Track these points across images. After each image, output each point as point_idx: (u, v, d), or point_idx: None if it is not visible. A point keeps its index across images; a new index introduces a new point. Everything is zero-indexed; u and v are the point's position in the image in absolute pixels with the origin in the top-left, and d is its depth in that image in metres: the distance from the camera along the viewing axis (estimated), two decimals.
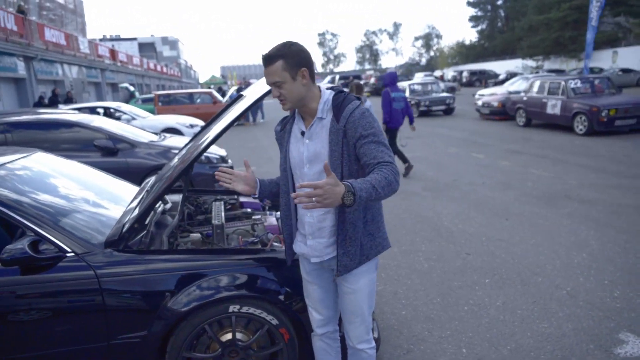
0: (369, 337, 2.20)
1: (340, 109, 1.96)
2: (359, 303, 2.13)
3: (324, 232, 2.05)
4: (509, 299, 3.57)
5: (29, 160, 2.92)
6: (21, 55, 17.00)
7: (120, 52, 31.83)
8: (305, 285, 2.23)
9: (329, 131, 1.95)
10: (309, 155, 2.00)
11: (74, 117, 6.37)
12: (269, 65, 1.89)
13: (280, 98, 1.93)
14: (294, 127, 2.09)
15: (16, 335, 2.19)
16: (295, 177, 2.09)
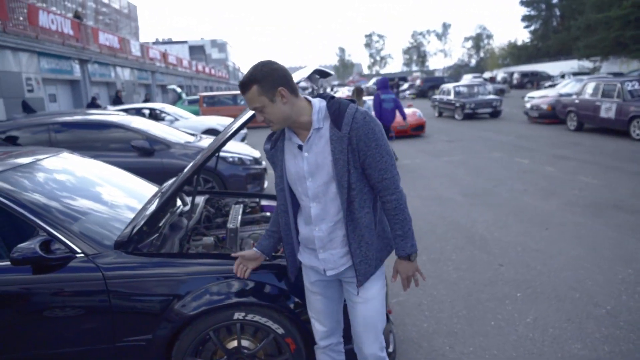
0: (383, 354, 2.11)
1: (339, 116, 1.87)
2: (371, 313, 2.05)
3: (335, 242, 1.98)
4: (541, 315, 3.35)
5: (53, 161, 3.00)
6: (76, 59, 17.84)
7: (170, 55, 32.85)
8: (308, 296, 2.16)
9: (330, 140, 1.87)
10: (310, 168, 1.90)
11: (113, 119, 6.57)
12: (245, 92, 1.82)
13: (267, 120, 1.86)
14: (287, 144, 1.97)
15: (25, 333, 2.23)
16: (296, 193, 1.99)
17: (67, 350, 2.26)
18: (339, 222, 1.95)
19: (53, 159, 3.03)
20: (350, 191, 1.88)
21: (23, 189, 2.44)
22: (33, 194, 2.44)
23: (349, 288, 2.06)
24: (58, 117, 6.68)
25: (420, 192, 7.11)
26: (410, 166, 9.34)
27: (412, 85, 42.99)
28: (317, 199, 1.92)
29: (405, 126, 12.59)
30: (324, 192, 1.91)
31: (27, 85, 14.33)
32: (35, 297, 2.23)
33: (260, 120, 1.88)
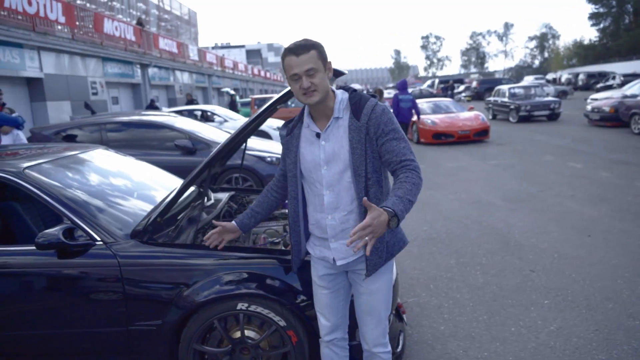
0: (385, 340, 2.18)
1: (359, 107, 1.96)
2: (376, 304, 2.11)
3: (347, 232, 2.00)
4: (567, 324, 3.20)
5: (86, 155, 3.23)
6: (138, 63, 18.83)
7: (227, 59, 33.92)
8: (315, 290, 2.19)
9: (349, 129, 1.94)
10: (326, 156, 1.96)
11: (159, 119, 6.91)
12: (304, 53, 1.84)
13: (312, 89, 1.86)
14: (304, 131, 2.04)
15: (46, 311, 2.42)
16: (310, 180, 2.04)
17: (84, 330, 2.42)
18: (352, 212, 2.00)
19: (87, 154, 3.26)
20: (367, 181, 1.94)
21: (54, 180, 2.65)
22: (62, 185, 2.64)
23: (357, 279, 2.10)
24: (109, 117, 7.11)
25: (460, 195, 6.95)
26: (454, 169, 9.14)
27: (468, 87, 41.88)
28: (331, 187, 1.97)
29: (468, 131, 12.29)
30: (339, 180, 1.97)
31: (92, 88, 15.30)
32: (58, 280, 2.42)
33: (305, 87, 1.85)
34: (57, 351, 2.48)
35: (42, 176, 2.63)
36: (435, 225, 5.58)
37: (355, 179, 1.94)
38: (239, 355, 2.48)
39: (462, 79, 52.47)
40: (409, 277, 4.10)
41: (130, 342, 2.43)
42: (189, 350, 2.40)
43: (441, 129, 12.55)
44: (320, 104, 1.94)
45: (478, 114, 13.17)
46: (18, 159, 2.87)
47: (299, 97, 1.92)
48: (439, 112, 13.64)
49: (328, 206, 2.00)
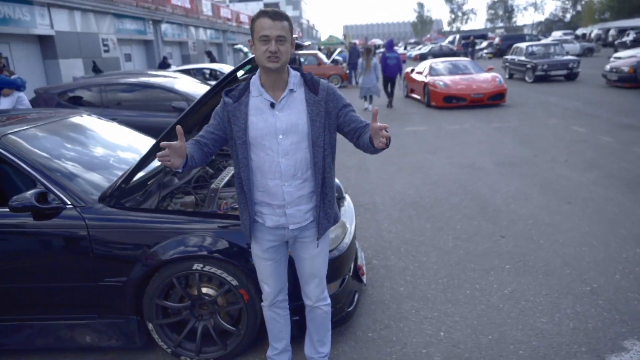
0: (325, 295, 2.43)
1: (314, 83, 2.12)
2: (318, 266, 2.34)
3: (302, 199, 2.18)
4: (520, 289, 3.36)
5: (69, 122, 3.41)
6: (150, 19, 18.77)
7: (241, 14, 33.41)
8: (258, 263, 2.34)
9: (307, 103, 2.09)
10: (283, 126, 2.07)
11: (157, 81, 7.04)
12: (278, 20, 1.95)
13: (277, 55, 1.96)
14: (253, 100, 2.09)
15: (24, 267, 2.67)
16: (260, 147, 2.08)
17: (59, 285, 2.68)
18: (307, 180, 2.16)
19: (69, 120, 3.44)
20: (324, 151, 2.12)
21: (32, 147, 2.85)
22: (40, 152, 2.84)
23: (300, 247, 2.30)
24: (111, 78, 7.28)
25: (454, 159, 7.00)
26: (455, 132, 9.12)
27: (490, 43, 40.56)
28: (287, 156, 2.08)
29: (482, 95, 11.87)
30: (295, 149, 2.09)
31: (104, 45, 15.42)
32: (33, 238, 2.65)
33: (272, 51, 1.94)
34: (36, 302, 2.75)
35: (20, 143, 2.83)
36: (422, 189, 5.70)
37: (314, 149, 2.10)
38: (199, 310, 2.72)
39: (485, 35, 50.70)
40: (383, 240, 4.27)
41: (100, 296, 2.68)
42: (152, 305, 2.64)
43: (453, 91, 12.08)
44: (277, 74, 2.04)
45: (495, 76, 12.51)
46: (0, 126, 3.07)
47: (262, 60, 1.99)
48: (456, 72, 13.15)
49: (285, 173, 2.10)
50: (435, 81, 12.50)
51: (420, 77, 13.53)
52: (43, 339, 2.78)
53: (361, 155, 7.42)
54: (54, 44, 12.79)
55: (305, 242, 2.28)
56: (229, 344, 2.70)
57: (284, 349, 2.54)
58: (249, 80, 2.16)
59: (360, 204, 5.26)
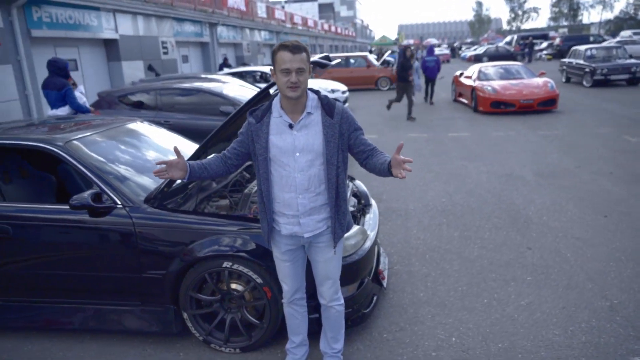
0: (338, 295, 2.67)
1: (330, 107, 2.38)
2: (333, 269, 2.59)
3: (315, 210, 2.43)
4: (538, 300, 3.44)
5: (124, 128, 3.82)
6: (206, 22, 19.58)
7: (295, 15, 33.98)
8: (278, 263, 2.61)
9: (322, 125, 2.34)
10: (301, 145, 2.31)
11: (208, 86, 7.49)
12: (298, 53, 2.20)
13: (297, 85, 2.21)
14: (274, 120, 2.35)
15: (80, 257, 3.07)
16: (279, 164, 2.35)
17: (109, 274, 3.06)
18: (320, 194, 2.41)
19: (124, 127, 3.85)
20: (337, 169, 2.38)
21: (90, 152, 3.25)
22: (97, 156, 3.24)
23: (315, 251, 2.54)
24: (164, 83, 7.81)
25: (492, 167, 7.00)
26: (498, 139, 9.04)
27: (550, 44, 39.02)
28: (302, 171, 2.33)
29: (531, 101, 11.61)
30: (309, 166, 2.34)
31: (163, 48, 16.26)
32: (88, 233, 3.04)
33: (293, 82, 2.19)
34: (90, 289, 3.14)
35: (81, 148, 3.23)
36: (455, 197, 5.78)
37: (328, 166, 2.36)
38: (228, 304, 3.02)
39: (546, 35, 48.74)
40: (409, 247, 4.44)
41: (143, 286, 3.03)
42: (187, 296, 2.97)
43: (501, 97, 11.85)
44: (297, 99, 2.30)
45: (547, 81, 12.17)
46: (65, 132, 3.50)
47: (283, 89, 2.24)
48: (506, 77, 12.91)
49: (300, 186, 2.35)
50: (483, 86, 12.35)
51: (468, 82, 13.39)
52: (95, 321, 3.17)
53: None
54: (117, 47, 13.66)
55: (319, 247, 2.52)
56: (254, 336, 2.98)
57: (301, 342, 2.79)
58: (271, 101, 2.41)
59: (393, 209, 5.43)
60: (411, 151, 8.27)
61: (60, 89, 6.02)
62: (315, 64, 3.21)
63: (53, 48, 11.49)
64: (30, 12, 10.37)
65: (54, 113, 6.13)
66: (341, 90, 13.62)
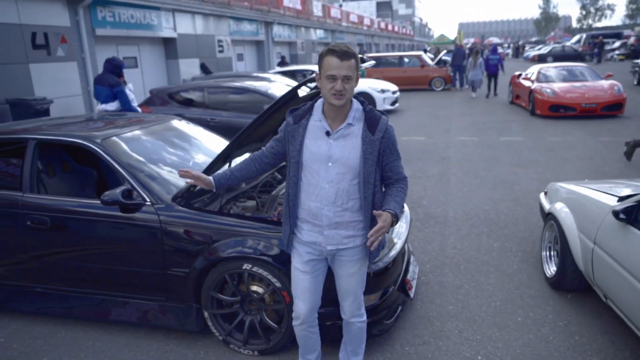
0: (361, 312, 2.56)
1: (374, 121, 2.22)
2: (354, 284, 2.47)
3: (342, 225, 2.29)
4: (577, 322, 3.19)
5: (160, 127, 3.91)
6: (262, 21, 19.89)
7: (351, 14, 33.84)
8: (296, 276, 2.43)
9: (362, 140, 2.19)
10: (335, 155, 2.19)
11: (254, 85, 7.58)
12: (346, 60, 2.05)
13: (342, 93, 2.08)
14: (313, 124, 2.23)
15: (110, 251, 3.17)
16: (309, 170, 2.24)
17: (135, 269, 3.14)
18: (347, 210, 2.26)
19: (160, 125, 3.94)
20: (374, 187, 2.26)
21: (125, 149, 3.35)
22: (131, 153, 3.34)
23: (340, 263, 2.40)
24: (212, 82, 7.99)
25: (544, 175, 6.63)
26: (555, 145, 8.56)
27: (624, 43, 36.59)
28: (331, 182, 2.21)
29: (595, 105, 10.93)
30: (340, 179, 2.21)
31: (219, 46, 16.67)
32: (118, 228, 3.13)
33: (338, 90, 2.07)
34: (117, 281, 3.24)
35: (117, 146, 3.34)
36: (500, 205, 5.52)
37: (365, 185, 2.23)
38: (248, 305, 3.02)
39: (619, 34, 45.71)
40: (444, 256, 4.27)
41: (167, 282, 3.09)
42: (208, 296, 3.00)
43: (561, 100, 11.20)
44: (340, 107, 2.17)
45: (614, 84, 11.37)
46: (105, 129, 3.63)
47: (327, 96, 2.12)
48: (568, 79, 12.23)
49: (326, 198, 2.22)
50: (542, 88, 11.74)
51: (526, 83, 12.78)
52: (122, 314, 3.27)
53: (445, 164, 7.33)
54: (175, 45, 14.14)
55: (343, 261, 2.38)
56: (272, 339, 2.96)
57: (316, 357, 2.71)
58: (313, 103, 2.29)
59: (432, 216, 5.25)
60: (459, 155, 8.00)
61: (113, 86, 6.29)
62: None
63: (115, 46, 12.06)
64: (95, 12, 10.93)
65: (103, 107, 6.43)
66: (391, 90, 13.40)
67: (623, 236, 2.79)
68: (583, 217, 3.33)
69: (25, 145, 3.43)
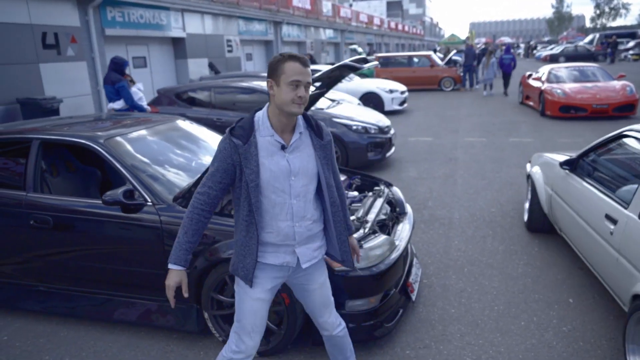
0: (339, 321, 2.45)
1: (318, 126, 2.17)
2: (327, 292, 2.37)
3: (311, 238, 2.20)
4: (582, 328, 3.14)
5: (163, 127, 3.92)
6: (271, 21, 19.91)
7: (361, 13, 33.77)
8: (254, 307, 2.18)
9: (314, 147, 2.13)
10: (295, 168, 2.07)
11: (259, 84, 7.58)
12: (308, 67, 1.99)
13: (303, 100, 1.99)
14: (262, 140, 2.04)
15: (112, 251, 3.18)
16: (272, 190, 2.06)
17: (137, 269, 3.14)
18: (316, 221, 2.19)
19: (164, 125, 3.95)
20: (337, 190, 2.23)
21: (128, 149, 3.36)
22: (133, 153, 3.35)
23: (308, 278, 2.27)
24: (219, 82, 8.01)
25: None
26: (564, 146, 8.45)
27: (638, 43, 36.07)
28: (298, 197, 2.09)
29: (606, 106, 10.75)
30: (305, 191, 2.11)
31: (228, 46, 16.72)
32: (122, 227, 3.14)
33: (300, 95, 1.96)
34: (119, 281, 3.25)
35: (120, 146, 3.35)
36: (506, 207, 5.46)
37: (329, 190, 2.16)
38: None
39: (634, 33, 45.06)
40: (448, 258, 4.23)
41: None
42: (208, 297, 2.99)
43: (572, 100, 11.05)
44: (293, 117, 2.06)
45: (626, 85, 11.21)
46: (109, 129, 3.64)
47: (287, 104, 1.97)
48: (579, 80, 12.08)
49: (297, 214, 2.11)
50: (552, 89, 11.60)
51: (536, 84, 12.65)
52: (122, 313, 3.28)
53: (452, 165, 7.27)
54: (184, 45, 14.21)
55: (310, 273, 2.27)
56: (271, 341, 2.95)
57: None
58: (252, 119, 2.08)
59: (437, 218, 5.21)
60: (466, 156, 7.93)
61: (114, 83, 6.35)
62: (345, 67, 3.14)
63: (125, 46, 12.14)
64: (104, 12, 11.01)
65: (111, 106, 6.49)
66: (400, 90, 13.34)
67: (566, 182, 3.91)
68: (547, 174, 4.42)
69: (30, 145, 3.45)
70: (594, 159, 3.72)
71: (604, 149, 3.66)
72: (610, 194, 3.14)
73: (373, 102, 12.54)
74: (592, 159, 3.74)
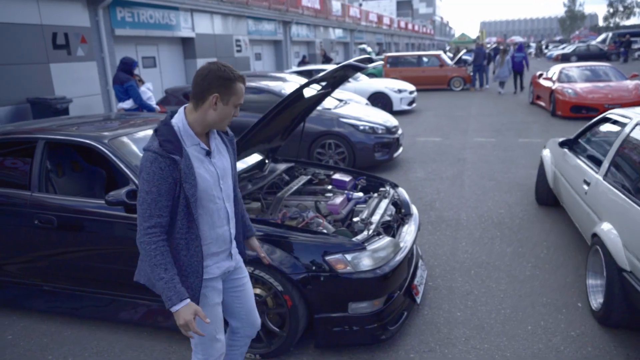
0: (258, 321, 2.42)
1: None
2: (251, 287, 2.34)
3: (235, 237, 2.23)
4: (591, 333, 3.08)
5: None
6: (280, 21, 19.91)
7: (371, 13, 33.67)
8: (216, 311, 2.13)
9: (225, 144, 2.12)
10: (221, 171, 2.05)
11: (268, 85, 7.56)
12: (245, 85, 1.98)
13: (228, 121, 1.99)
14: (190, 149, 1.94)
15: (116, 252, 3.17)
16: (208, 198, 2.00)
17: None
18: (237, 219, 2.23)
19: None
20: (238, 182, 2.29)
21: (132, 149, 3.35)
22: (137, 154, 3.33)
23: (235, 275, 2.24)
24: None
25: None
26: None
27: None
28: (228, 198, 2.10)
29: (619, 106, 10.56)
30: (230, 192, 2.12)
31: (237, 46, 16.75)
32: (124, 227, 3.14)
33: (236, 115, 1.96)
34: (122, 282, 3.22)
35: (124, 145, 3.34)
36: (515, 209, 5.39)
37: (234, 186, 2.19)
38: None
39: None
40: (454, 260, 4.18)
41: None
42: None
43: (583, 100, 10.88)
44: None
45: (639, 84, 11.00)
46: (114, 129, 3.64)
47: (223, 122, 1.95)
48: (591, 79, 11.91)
49: (231, 216, 2.12)
50: (563, 88, 11.45)
51: (547, 83, 12.49)
52: (125, 313, 3.27)
53: (460, 166, 7.21)
54: (193, 45, 14.25)
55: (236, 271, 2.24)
56: (274, 343, 2.93)
57: None
58: (172, 129, 1.92)
59: (444, 219, 5.16)
60: (475, 157, 7.85)
61: (122, 83, 6.38)
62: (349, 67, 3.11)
63: (134, 46, 12.21)
64: (114, 12, 11.07)
65: (121, 106, 6.53)
66: (408, 90, 13.26)
67: (564, 158, 4.62)
68: (554, 154, 5.08)
69: (35, 144, 3.46)
70: (584, 139, 4.49)
71: (593, 130, 4.43)
72: (588, 164, 3.97)
73: (381, 102, 12.48)
74: (584, 139, 4.50)
